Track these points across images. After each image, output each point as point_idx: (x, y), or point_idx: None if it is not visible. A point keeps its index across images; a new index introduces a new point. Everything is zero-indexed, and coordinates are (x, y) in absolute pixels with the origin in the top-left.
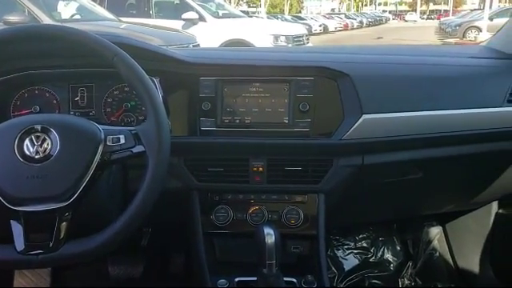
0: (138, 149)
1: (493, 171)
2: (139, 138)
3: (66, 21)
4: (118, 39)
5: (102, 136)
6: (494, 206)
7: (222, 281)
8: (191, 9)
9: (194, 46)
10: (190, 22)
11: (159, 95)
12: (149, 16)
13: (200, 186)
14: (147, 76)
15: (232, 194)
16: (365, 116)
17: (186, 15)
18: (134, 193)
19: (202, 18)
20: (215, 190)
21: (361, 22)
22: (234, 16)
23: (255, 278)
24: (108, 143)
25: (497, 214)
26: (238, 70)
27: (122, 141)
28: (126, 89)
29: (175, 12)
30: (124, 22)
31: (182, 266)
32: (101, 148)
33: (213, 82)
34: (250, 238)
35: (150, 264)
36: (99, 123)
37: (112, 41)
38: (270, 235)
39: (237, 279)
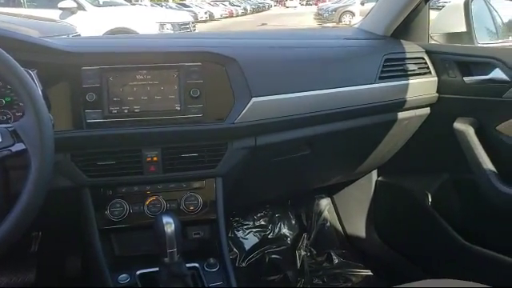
0: (18, 147)
1: (371, 143)
2: (18, 135)
3: None
4: None
5: None
6: (374, 174)
7: (122, 276)
8: None
9: (74, 36)
10: (68, 12)
11: (37, 88)
12: (20, 5)
13: (91, 181)
14: (22, 69)
15: (126, 186)
16: (254, 99)
17: (62, 4)
18: (17, 195)
19: (80, 7)
20: (108, 185)
21: (245, 8)
22: (116, 4)
23: (157, 269)
24: None
25: (376, 181)
26: (123, 58)
27: None
28: None
29: (50, 1)
30: None
31: (80, 266)
32: None
33: (96, 72)
34: (149, 229)
35: (43, 269)
36: None
37: None
38: (169, 224)
39: (138, 272)
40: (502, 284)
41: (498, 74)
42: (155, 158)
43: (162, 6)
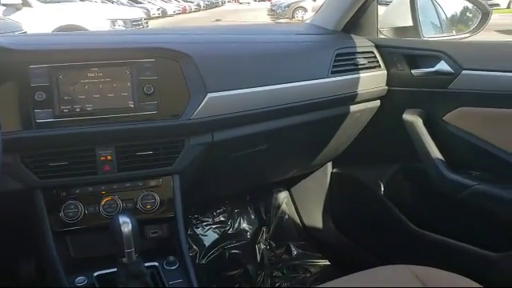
0: None
1: (325, 136)
2: None
3: None
4: None
5: None
6: (329, 166)
7: (79, 278)
8: None
9: (19, 34)
10: (13, 8)
11: None
12: None
13: (43, 183)
14: None
15: (80, 187)
16: (209, 94)
17: (6, 0)
18: None
19: (26, 3)
20: (61, 186)
21: (198, 4)
22: (65, 0)
23: (116, 269)
24: None
25: (332, 173)
26: (73, 56)
27: None
28: None
29: None
30: None
31: (34, 271)
32: None
33: (45, 70)
34: (106, 230)
35: None
36: None
37: None
38: (125, 223)
39: (96, 273)
40: (452, 267)
41: (443, 66)
42: (109, 157)
43: (113, 3)
